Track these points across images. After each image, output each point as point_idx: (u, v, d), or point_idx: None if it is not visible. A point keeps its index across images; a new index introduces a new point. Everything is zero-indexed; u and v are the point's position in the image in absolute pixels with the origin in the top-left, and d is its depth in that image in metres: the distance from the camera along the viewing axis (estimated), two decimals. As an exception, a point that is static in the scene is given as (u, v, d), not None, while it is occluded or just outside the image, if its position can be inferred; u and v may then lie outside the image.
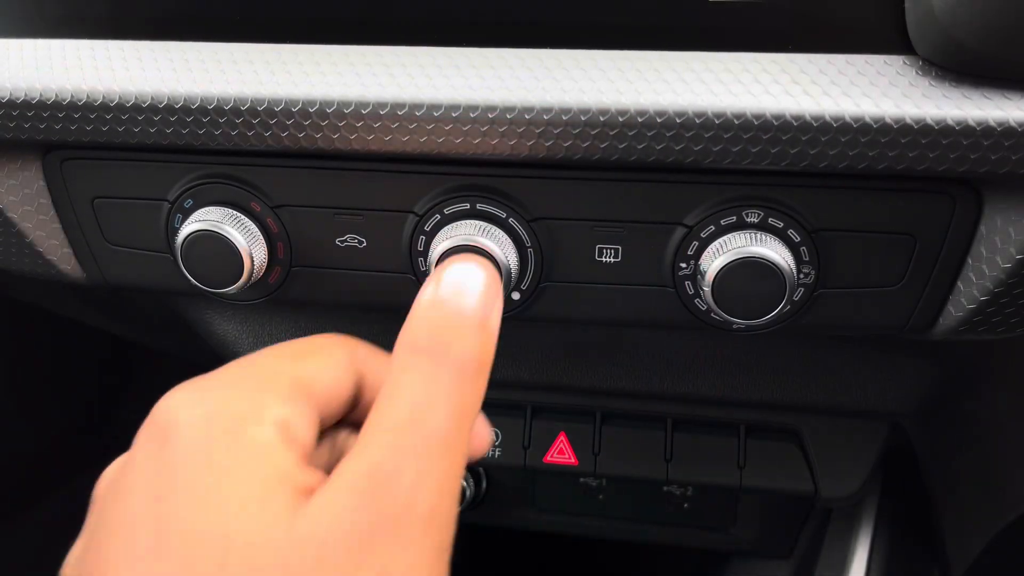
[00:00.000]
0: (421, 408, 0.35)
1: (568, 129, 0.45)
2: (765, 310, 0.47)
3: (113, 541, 0.34)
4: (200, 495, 0.33)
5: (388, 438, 0.35)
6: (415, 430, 0.35)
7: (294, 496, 0.34)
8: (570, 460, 0.79)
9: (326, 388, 0.40)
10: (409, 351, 0.37)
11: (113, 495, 0.36)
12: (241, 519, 0.33)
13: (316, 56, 0.48)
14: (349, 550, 0.32)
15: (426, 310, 0.38)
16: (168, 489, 0.34)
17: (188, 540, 0.33)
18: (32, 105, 0.49)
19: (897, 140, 0.43)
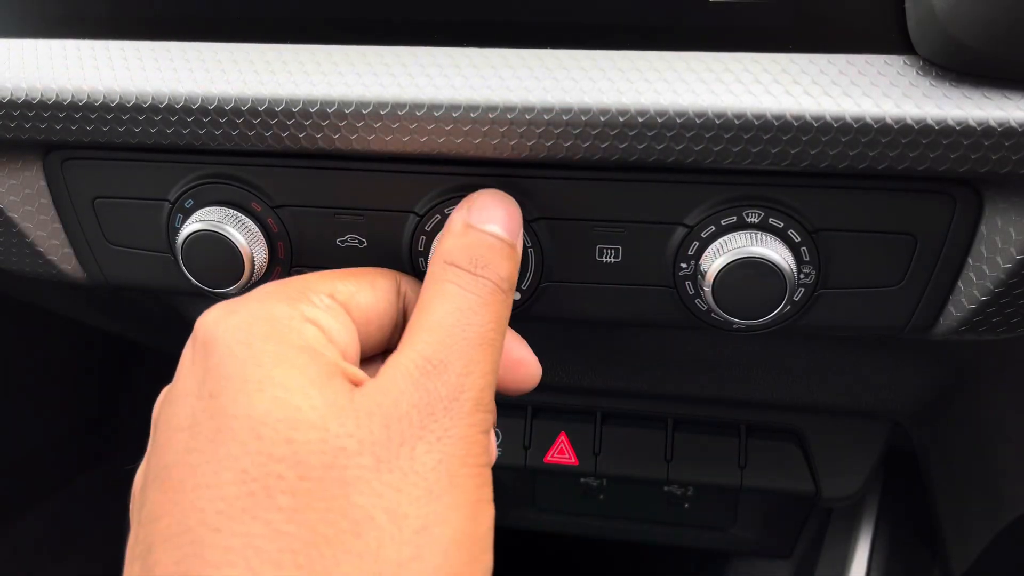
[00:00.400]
0: (465, 312, 0.40)
1: (568, 129, 0.45)
2: (765, 310, 0.47)
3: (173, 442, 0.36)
4: (254, 385, 0.35)
5: (437, 335, 0.39)
6: (461, 330, 0.39)
7: (346, 383, 0.37)
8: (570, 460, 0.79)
9: (365, 306, 0.43)
10: (448, 267, 0.41)
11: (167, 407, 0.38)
12: (302, 398, 0.35)
13: (316, 56, 0.48)
14: (411, 421, 0.36)
15: (462, 234, 0.43)
16: (219, 387, 0.36)
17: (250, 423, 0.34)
18: (33, 105, 0.50)
19: (898, 140, 0.43)
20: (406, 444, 0.35)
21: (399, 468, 0.35)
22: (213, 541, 0.32)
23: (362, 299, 0.43)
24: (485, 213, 0.44)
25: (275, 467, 0.33)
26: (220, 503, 0.33)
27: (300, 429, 0.34)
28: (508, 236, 0.44)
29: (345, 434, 0.35)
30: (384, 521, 0.34)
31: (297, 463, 0.34)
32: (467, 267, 0.41)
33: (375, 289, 0.44)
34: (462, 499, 0.36)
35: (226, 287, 0.51)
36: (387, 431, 0.35)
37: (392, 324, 0.45)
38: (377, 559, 0.33)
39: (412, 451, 0.35)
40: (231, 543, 0.32)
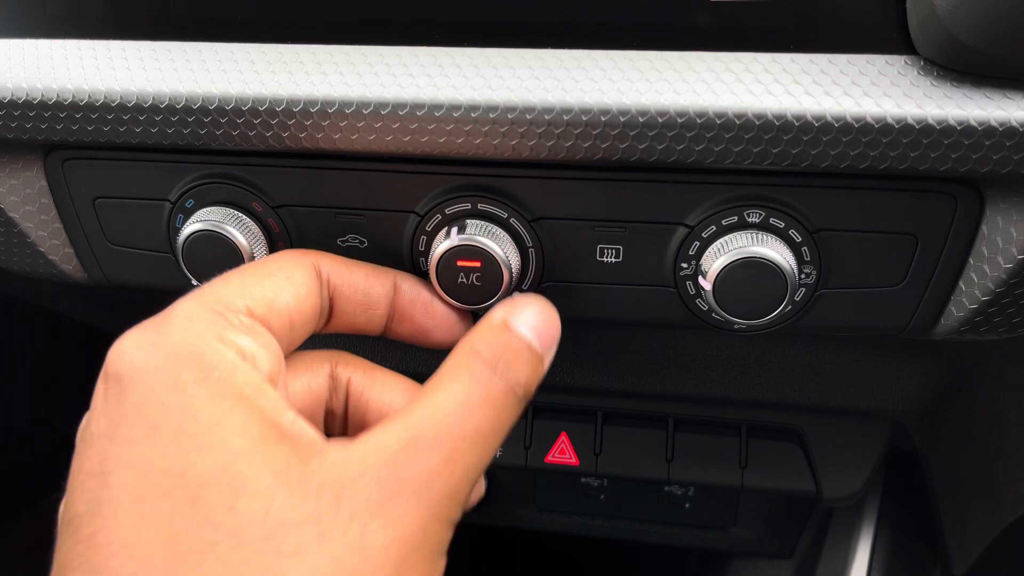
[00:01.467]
0: (471, 404, 0.38)
1: (569, 129, 0.45)
2: (766, 310, 0.47)
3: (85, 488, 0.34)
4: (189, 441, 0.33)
5: (434, 418, 0.37)
6: (459, 419, 0.38)
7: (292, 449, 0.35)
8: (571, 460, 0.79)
9: (285, 309, 0.41)
10: (472, 355, 0.40)
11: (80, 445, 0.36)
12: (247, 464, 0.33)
13: (317, 56, 0.48)
14: (369, 497, 0.34)
15: (496, 331, 0.42)
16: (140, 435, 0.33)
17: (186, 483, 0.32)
18: (34, 105, 0.50)
19: (899, 140, 0.43)
20: (357, 519, 0.34)
21: (344, 543, 0.33)
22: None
23: (281, 302, 0.41)
24: (526, 317, 0.43)
25: (210, 534, 0.32)
26: (141, 563, 0.31)
27: (244, 498, 0.33)
28: (540, 347, 0.43)
29: (290, 506, 0.33)
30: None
31: (235, 532, 0.32)
32: (488, 362, 0.40)
33: (294, 286, 0.42)
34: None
35: (227, 287, 0.51)
36: (337, 504, 0.34)
37: (315, 314, 0.44)
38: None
39: (363, 527, 0.34)
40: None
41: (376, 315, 0.47)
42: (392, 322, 0.48)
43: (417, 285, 0.49)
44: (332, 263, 0.46)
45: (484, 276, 0.48)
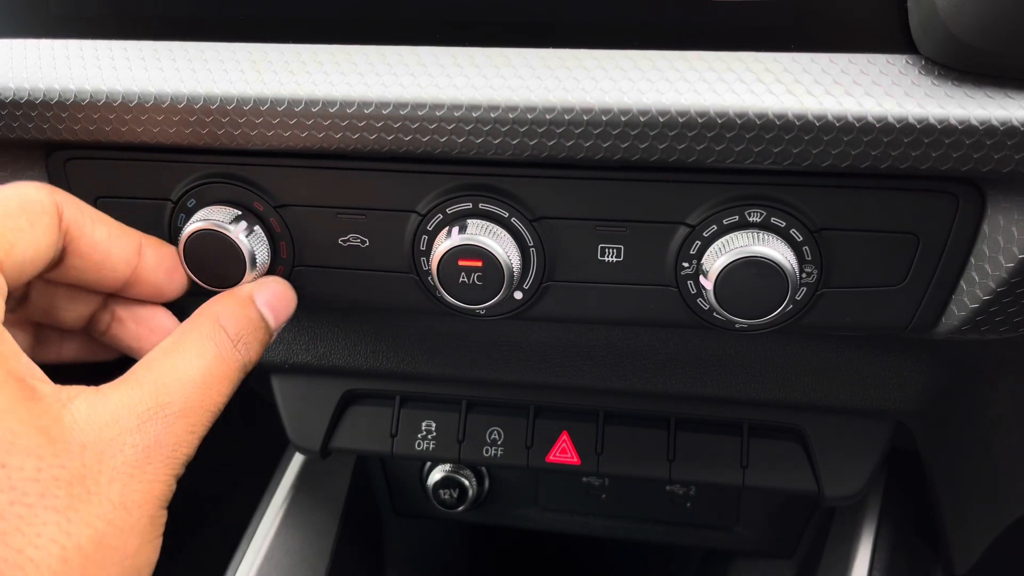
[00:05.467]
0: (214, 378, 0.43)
1: (570, 128, 0.45)
2: (767, 309, 0.47)
3: None
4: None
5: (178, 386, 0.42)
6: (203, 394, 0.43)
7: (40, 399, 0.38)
8: (573, 460, 0.79)
9: (21, 259, 0.42)
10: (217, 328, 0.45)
11: None
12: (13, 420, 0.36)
13: (318, 55, 0.48)
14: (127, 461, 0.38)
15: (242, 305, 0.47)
16: None
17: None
18: (36, 105, 0.50)
19: (900, 139, 0.43)
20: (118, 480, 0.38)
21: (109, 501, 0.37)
22: None
23: (18, 252, 0.41)
24: (272, 300, 0.49)
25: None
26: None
27: (16, 455, 0.36)
28: (274, 323, 0.48)
29: (58, 464, 0.36)
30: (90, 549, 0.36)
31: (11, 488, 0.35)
32: (232, 336, 0.45)
33: (34, 232, 0.42)
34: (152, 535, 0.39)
35: (229, 286, 0.51)
36: (100, 464, 0.37)
37: (48, 259, 0.44)
38: None
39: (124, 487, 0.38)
40: None
41: (110, 277, 0.48)
42: (128, 285, 0.49)
43: (162, 249, 0.50)
44: (76, 212, 0.46)
45: (485, 275, 0.48)
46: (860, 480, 0.77)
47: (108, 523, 0.37)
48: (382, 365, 0.74)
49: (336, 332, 0.74)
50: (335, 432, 0.79)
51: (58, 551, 0.35)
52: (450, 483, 0.94)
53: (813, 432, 0.77)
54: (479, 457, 0.78)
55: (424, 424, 0.78)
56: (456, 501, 0.94)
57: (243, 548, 0.86)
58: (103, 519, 0.37)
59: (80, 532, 0.36)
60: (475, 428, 0.77)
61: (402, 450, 0.78)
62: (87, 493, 0.37)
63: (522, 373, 0.74)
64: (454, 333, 0.72)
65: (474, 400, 0.78)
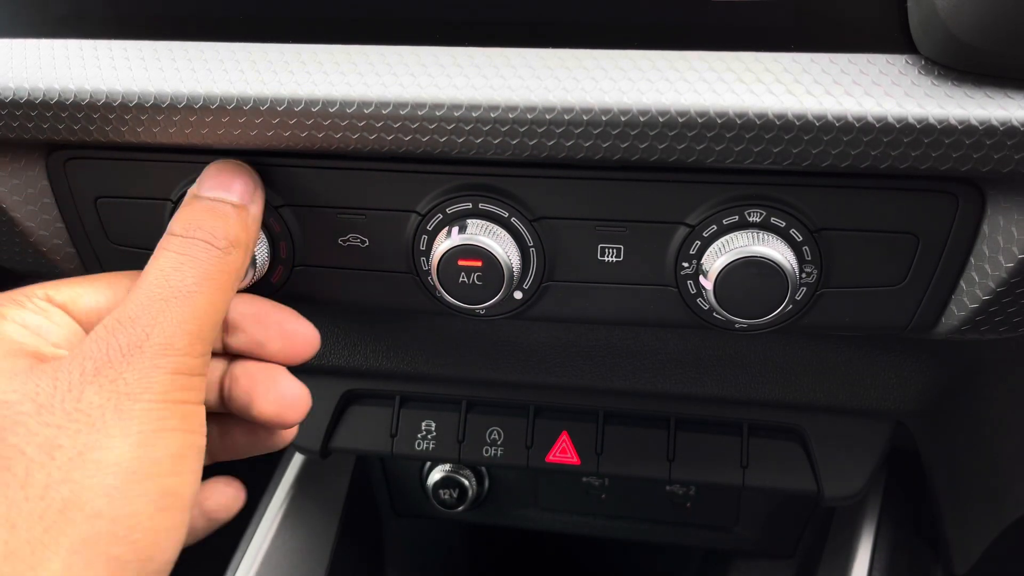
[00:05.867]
0: (166, 271, 0.43)
1: (570, 128, 0.45)
2: (767, 309, 0.47)
3: None
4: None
5: (134, 296, 0.42)
6: (157, 288, 0.42)
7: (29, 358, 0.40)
8: (572, 460, 0.79)
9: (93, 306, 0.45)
10: (168, 235, 0.45)
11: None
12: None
13: (318, 55, 0.48)
14: (84, 370, 0.39)
15: (184, 206, 0.46)
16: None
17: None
18: (35, 105, 0.50)
19: (900, 139, 0.43)
20: (73, 390, 0.39)
21: (61, 410, 0.38)
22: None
23: (88, 300, 0.45)
24: (208, 182, 0.47)
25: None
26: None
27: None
28: (234, 197, 0.47)
29: (11, 390, 0.39)
30: (35, 453, 0.37)
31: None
32: (179, 232, 0.44)
33: (110, 289, 0.46)
34: (131, 429, 0.39)
35: (228, 287, 0.51)
36: (54, 382, 0.39)
37: None
38: (24, 484, 0.37)
39: (80, 394, 0.39)
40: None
41: None
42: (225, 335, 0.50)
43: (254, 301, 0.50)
44: None
45: (485, 275, 0.48)
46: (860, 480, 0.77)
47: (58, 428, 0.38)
48: (382, 365, 0.74)
49: (336, 332, 0.74)
50: (335, 432, 0.79)
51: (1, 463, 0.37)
52: (450, 483, 0.94)
53: (813, 432, 0.77)
54: (479, 457, 0.78)
55: (424, 424, 0.78)
56: (456, 501, 0.94)
57: (243, 548, 0.86)
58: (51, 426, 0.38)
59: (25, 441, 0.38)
60: (475, 428, 0.78)
61: (402, 450, 0.78)
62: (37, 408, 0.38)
63: (522, 373, 0.74)
64: (454, 333, 0.72)
65: (474, 400, 0.78)
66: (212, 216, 0.45)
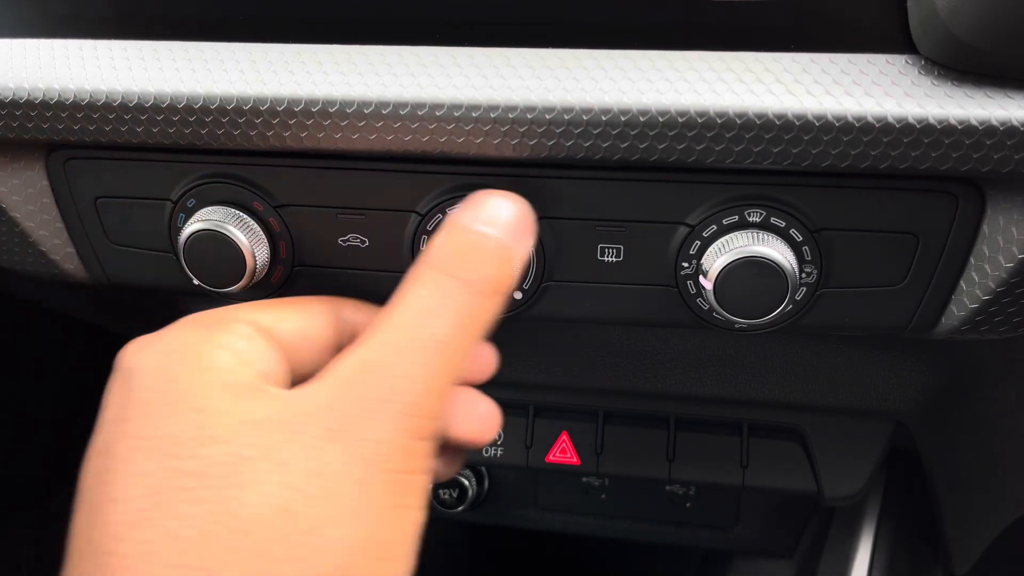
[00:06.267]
0: (423, 314, 0.38)
1: (570, 128, 0.45)
2: (767, 309, 0.47)
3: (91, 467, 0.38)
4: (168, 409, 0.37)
5: (386, 336, 0.38)
6: (413, 331, 0.38)
7: (259, 398, 0.37)
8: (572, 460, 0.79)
9: (293, 331, 0.43)
10: (426, 266, 0.39)
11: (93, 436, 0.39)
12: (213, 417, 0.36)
13: (318, 55, 0.48)
14: (323, 424, 0.36)
15: (450, 232, 0.41)
16: (132, 412, 0.37)
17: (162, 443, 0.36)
18: (35, 105, 0.50)
19: (900, 139, 0.43)
20: (313, 448, 0.35)
21: (299, 470, 0.35)
22: (114, 549, 0.34)
23: (288, 325, 0.43)
24: (480, 212, 0.42)
25: (183, 480, 0.35)
26: (128, 515, 0.35)
27: (208, 445, 0.35)
28: (501, 235, 0.41)
29: (248, 444, 0.35)
30: (273, 520, 0.34)
31: (202, 474, 0.35)
32: (439, 266, 0.40)
33: (308, 315, 0.44)
34: (372, 503, 0.35)
35: (228, 286, 0.51)
36: (292, 436, 0.36)
37: (329, 347, 0.45)
38: (264, 557, 0.34)
39: (319, 454, 0.35)
40: (130, 550, 0.34)
41: None
42: None
43: None
44: (354, 305, 0.48)
45: (485, 275, 0.48)
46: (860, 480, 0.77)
47: (294, 490, 0.34)
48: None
49: None
50: None
51: (237, 524, 0.34)
52: (450, 483, 0.94)
53: (813, 432, 0.77)
54: (479, 457, 0.78)
55: None
56: (456, 501, 0.94)
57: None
58: (288, 487, 0.34)
59: (262, 502, 0.34)
60: None
61: None
62: (275, 465, 0.35)
63: (522, 373, 0.74)
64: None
65: None
66: (477, 253, 0.40)
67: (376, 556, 0.35)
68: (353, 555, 0.35)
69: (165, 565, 0.33)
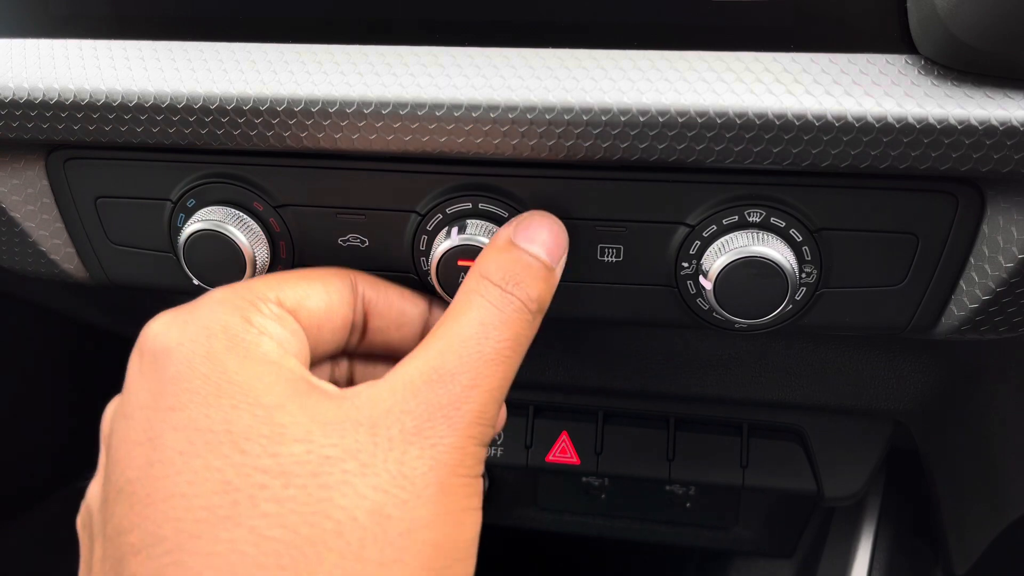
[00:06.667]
0: (486, 326, 0.40)
1: (570, 128, 0.45)
2: (767, 309, 0.47)
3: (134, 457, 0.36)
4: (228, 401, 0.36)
5: (452, 345, 0.39)
6: (477, 343, 0.40)
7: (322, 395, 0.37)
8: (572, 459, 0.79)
9: (315, 310, 0.43)
10: (482, 280, 0.42)
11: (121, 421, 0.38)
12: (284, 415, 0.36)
13: (318, 55, 0.48)
14: (403, 427, 0.36)
15: (502, 250, 0.43)
16: (182, 400, 0.36)
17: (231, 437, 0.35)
18: (35, 105, 0.50)
19: (899, 139, 0.43)
20: (395, 449, 0.36)
21: (386, 471, 0.36)
22: (194, 547, 0.33)
23: (312, 303, 0.43)
24: (530, 233, 0.44)
25: (260, 478, 0.34)
26: (200, 512, 0.34)
27: (285, 443, 0.35)
28: (548, 259, 0.44)
29: (329, 444, 0.35)
30: (367, 522, 0.35)
31: (282, 473, 0.34)
32: (498, 282, 0.42)
33: (327, 291, 0.44)
34: (450, 506, 0.36)
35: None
36: (373, 437, 0.36)
37: (346, 325, 0.45)
38: (359, 558, 0.34)
39: (402, 455, 0.36)
40: (214, 549, 0.33)
41: (409, 333, 0.48)
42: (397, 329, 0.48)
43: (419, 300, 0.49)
44: (368, 280, 0.47)
45: (485, 275, 0.48)
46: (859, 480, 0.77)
47: (385, 493, 0.35)
48: None
49: None
50: None
51: (332, 525, 0.34)
52: (450, 483, 0.94)
53: (813, 432, 0.77)
54: (479, 457, 0.78)
55: None
56: (456, 501, 0.94)
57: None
58: (379, 489, 0.35)
59: (355, 504, 0.34)
60: None
61: None
62: (361, 466, 0.35)
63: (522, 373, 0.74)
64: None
65: None
66: (529, 274, 0.42)
67: (454, 557, 0.37)
68: (437, 556, 0.36)
69: (255, 566, 0.33)
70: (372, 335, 0.48)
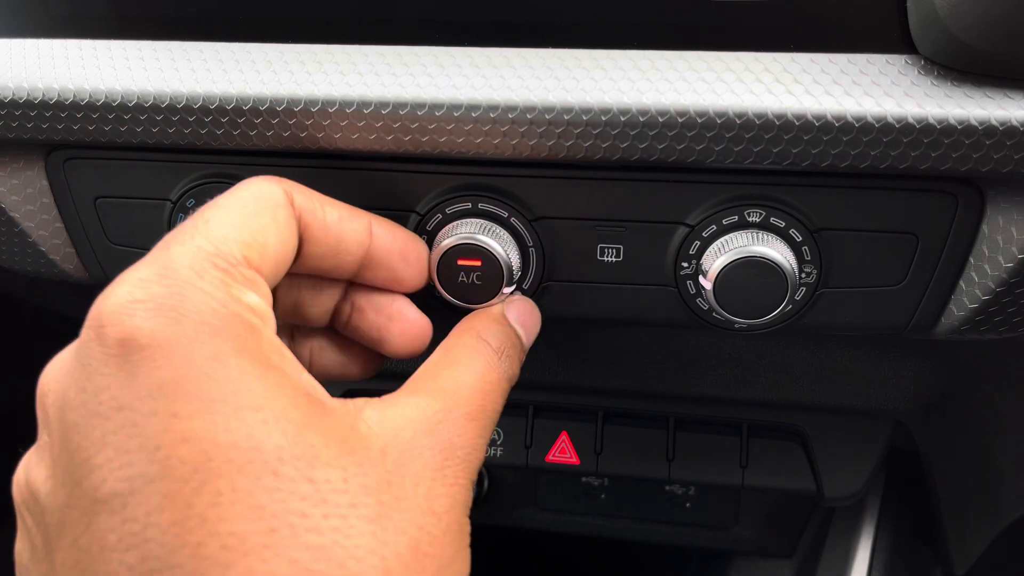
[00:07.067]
0: (490, 385, 0.43)
1: (570, 128, 0.45)
2: (767, 309, 0.47)
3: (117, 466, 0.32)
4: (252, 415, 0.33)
5: (465, 393, 0.41)
6: (484, 399, 0.42)
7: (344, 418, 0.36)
8: (572, 459, 0.79)
9: (274, 256, 0.40)
10: (482, 342, 0.45)
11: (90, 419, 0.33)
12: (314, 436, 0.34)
13: (317, 55, 0.48)
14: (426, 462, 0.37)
15: (498, 323, 0.47)
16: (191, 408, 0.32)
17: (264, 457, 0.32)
18: (35, 105, 0.50)
19: (899, 139, 0.43)
20: (422, 484, 0.36)
21: (417, 507, 0.35)
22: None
23: (271, 249, 0.39)
24: (521, 317, 0.49)
25: (298, 505, 0.32)
26: (229, 538, 0.30)
27: (319, 467, 0.33)
28: (527, 342, 0.49)
29: (363, 473, 0.34)
30: (409, 559, 0.33)
31: (322, 501, 0.32)
32: (497, 351, 0.45)
33: (278, 226, 0.40)
34: (462, 544, 0.37)
35: (228, 286, 0.51)
36: (401, 469, 0.36)
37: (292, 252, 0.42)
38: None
39: (429, 491, 0.36)
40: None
41: (346, 261, 0.45)
42: (364, 268, 0.46)
43: (393, 230, 0.47)
44: (306, 199, 0.42)
45: (484, 275, 0.48)
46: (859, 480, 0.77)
47: (420, 529, 0.34)
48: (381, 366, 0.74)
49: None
50: None
51: (378, 562, 0.32)
52: (450, 483, 0.94)
53: (812, 432, 0.77)
54: (478, 457, 0.78)
55: None
56: (456, 501, 0.94)
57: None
58: (415, 525, 0.34)
59: (397, 540, 0.33)
60: None
61: None
62: (395, 499, 0.34)
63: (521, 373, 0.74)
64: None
65: None
66: (515, 351, 0.47)
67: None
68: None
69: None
70: (304, 260, 0.43)
